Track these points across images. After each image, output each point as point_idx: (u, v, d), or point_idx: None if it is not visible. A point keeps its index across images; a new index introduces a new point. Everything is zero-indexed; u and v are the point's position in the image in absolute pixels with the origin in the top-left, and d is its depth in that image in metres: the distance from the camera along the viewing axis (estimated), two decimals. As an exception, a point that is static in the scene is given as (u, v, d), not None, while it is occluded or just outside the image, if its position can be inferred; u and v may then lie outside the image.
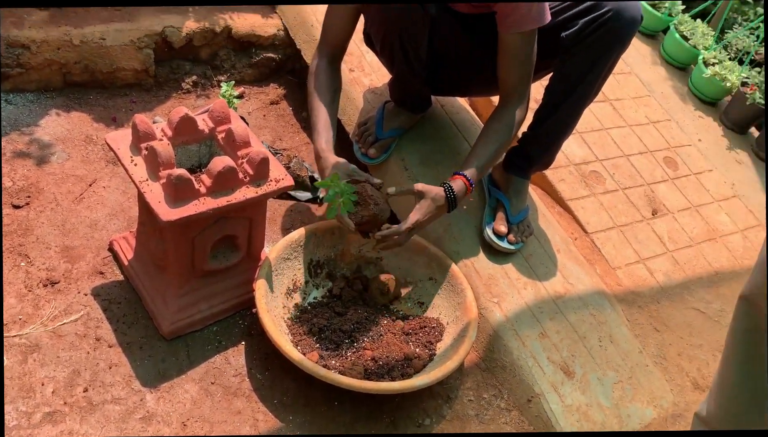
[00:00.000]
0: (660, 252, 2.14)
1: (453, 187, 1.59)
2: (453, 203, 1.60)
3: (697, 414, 1.20)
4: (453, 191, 1.59)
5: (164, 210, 1.34)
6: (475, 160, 1.64)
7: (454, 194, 1.59)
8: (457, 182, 1.60)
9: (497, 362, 1.66)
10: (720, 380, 1.12)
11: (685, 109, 2.80)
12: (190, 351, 1.55)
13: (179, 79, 2.27)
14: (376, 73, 2.16)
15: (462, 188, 1.60)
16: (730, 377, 1.10)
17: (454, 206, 1.60)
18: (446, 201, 1.58)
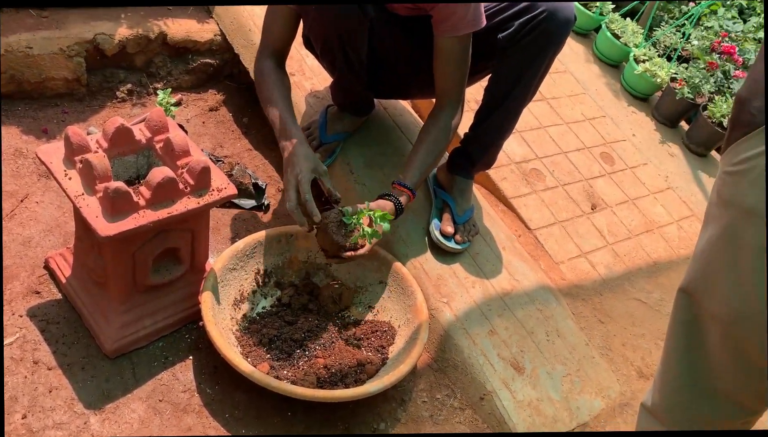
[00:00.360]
0: (600, 245, 2.20)
1: (400, 200, 1.63)
2: (400, 214, 1.64)
3: (643, 404, 1.23)
4: (401, 204, 1.63)
5: (102, 225, 1.29)
6: (416, 170, 1.67)
7: (401, 205, 1.63)
8: (403, 195, 1.64)
9: (449, 362, 1.67)
10: (662, 371, 1.15)
11: (619, 105, 2.89)
12: (135, 369, 1.50)
13: (113, 87, 2.20)
14: (318, 77, 2.15)
15: (406, 199, 1.65)
16: (671, 368, 1.13)
17: (400, 215, 1.65)
18: (395, 213, 1.62)
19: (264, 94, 1.67)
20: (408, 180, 1.65)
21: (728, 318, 0.99)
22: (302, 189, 1.51)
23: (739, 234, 0.95)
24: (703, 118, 2.77)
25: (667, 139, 2.84)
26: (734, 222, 0.97)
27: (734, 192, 0.96)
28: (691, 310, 1.06)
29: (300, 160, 1.55)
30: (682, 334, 1.09)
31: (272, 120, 1.65)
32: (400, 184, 1.65)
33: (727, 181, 0.98)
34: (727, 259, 0.98)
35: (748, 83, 0.97)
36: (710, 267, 1.02)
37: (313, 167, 1.55)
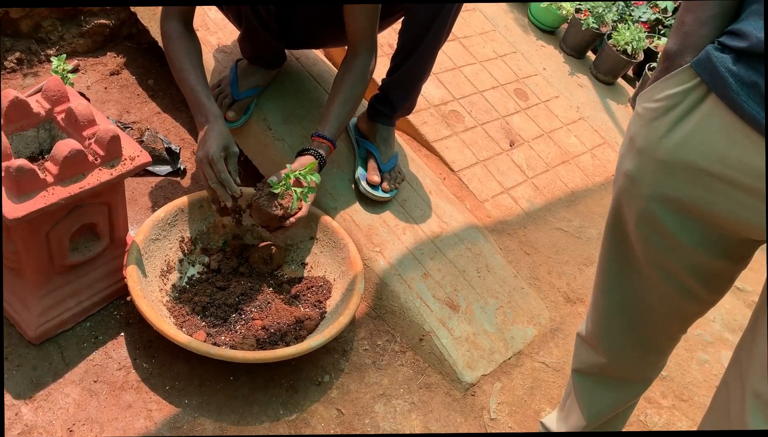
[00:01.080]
0: (521, 180, 2.26)
1: (321, 152, 1.60)
2: (323, 165, 1.61)
3: (579, 334, 1.29)
4: (321, 155, 1.60)
5: (9, 207, 1.20)
6: (334, 120, 1.65)
7: (323, 157, 1.60)
8: (323, 146, 1.62)
9: (387, 308, 1.70)
10: (594, 301, 1.21)
11: (528, 39, 2.93)
12: (64, 353, 1.44)
13: (0, 57, 2.03)
14: (223, 31, 2.05)
15: (327, 150, 1.63)
16: (601, 298, 1.18)
17: (322, 168, 1.62)
18: (318, 166, 1.59)
19: (175, 63, 1.60)
20: (326, 131, 1.63)
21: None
22: (216, 168, 1.49)
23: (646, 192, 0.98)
24: (608, 47, 2.85)
25: (576, 71, 2.92)
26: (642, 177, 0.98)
27: (650, 134, 0.96)
28: (615, 231, 1.10)
29: (212, 137, 1.51)
30: (610, 256, 1.13)
31: (185, 92, 1.59)
32: (318, 136, 1.63)
33: (645, 116, 0.97)
34: None
35: (678, 37, 0.95)
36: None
37: (224, 145, 1.52)
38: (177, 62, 1.60)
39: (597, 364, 1.25)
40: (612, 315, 1.17)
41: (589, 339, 1.25)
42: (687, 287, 1.03)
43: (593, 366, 1.26)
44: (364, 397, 1.54)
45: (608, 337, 1.20)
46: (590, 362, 1.27)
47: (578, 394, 1.31)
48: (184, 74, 1.58)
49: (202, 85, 1.59)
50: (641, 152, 0.98)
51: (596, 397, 1.29)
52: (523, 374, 1.70)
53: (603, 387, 1.28)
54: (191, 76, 1.58)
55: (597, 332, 1.22)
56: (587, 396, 1.30)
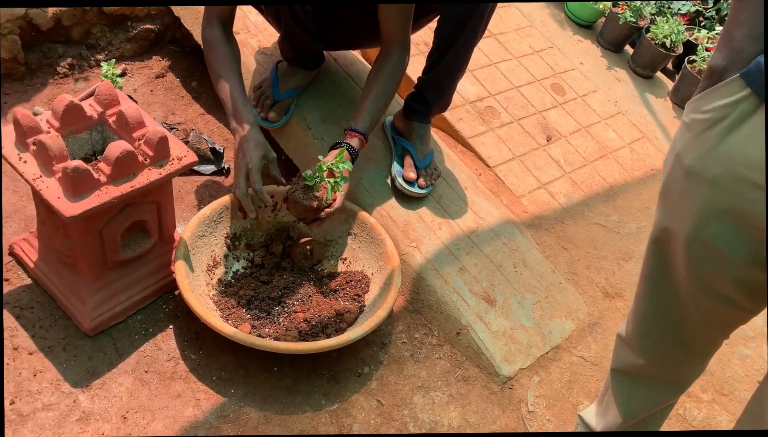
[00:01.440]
0: (558, 175, 2.26)
1: (353, 145, 1.65)
2: (356, 157, 1.66)
3: (619, 334, 1.30)
4: (355, 149, 1.65)
5: (65, 206, 1.28)
6: (366, 115, 1.69)
7: (355, 150, 1.65)
8: (355, 140, 1.67)
9: (424, 302, 1.73)
10: (635, 305, 1.21)
11: (565, 34, 2.92)
12: (117, 344, 1.51)
13: (53, 63, 2.13)
14: (263, 33, 2.11)
15: (359, 144, 1.67)
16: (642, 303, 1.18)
17: (354, 160, 1.66)
18: (351, 159, 1.63)
19: (213, 68, 1.66)
20: (358, 124, 1.68)
21: (686, 238, 1.02)
22: (253, 178, 1.56)
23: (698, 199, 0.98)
24: (646, 41, 2.83)
25: (614, 65, 2.90)
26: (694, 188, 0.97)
27: (699, 147, 0.94)
28: (660, 245, 1.10)
29: (251, 148, 1.58)
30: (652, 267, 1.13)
31: (222, 98, 1.65)
32: (350, 130, 1.68)
33: (694, 128, 0.95)
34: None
35: (725, 52, 0.93)
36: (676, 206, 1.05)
37: (263, 154, 1.60)
38: (215, 68, 1.66)
39: (635, 365, 1.25)
40: (652, 319, 1.17)
41: (628, 340, 1.25)
42: (731, 298, 1.02)
43: (632, 367, 1.26)
44: (402, 389, 1.58)
45: (647, 340, 1.20)
46: (629, 362, 1.26)
47: (616, 393, 1.32)
48: (222, 80, 1.65)
49: (239, 92, 1.64)
50: (690, 170, 0.96)
51: (633, 397, 1.29)
52: (560, 368, 1.71)
53: (640, 387, 1.28)
54: (228, 82, 1.64)
55: (637, 334, 1.22)
56: (624, 395, 1.30)
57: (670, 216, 1.04)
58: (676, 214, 1.02)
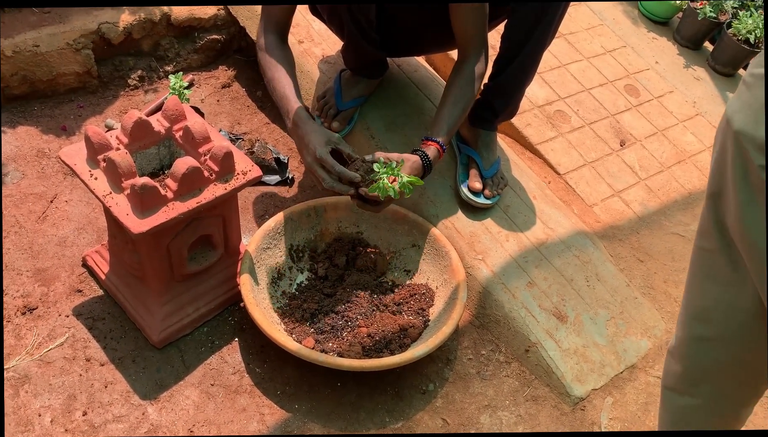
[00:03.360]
0: (633, 182, 2.16)
1: (428, 154, 1.58)
2: (429, 169, 1.58)
3: (669, 349, 1.19)
4: (429, 158, 1.58)
5: (134, 222, 1.29)
6: (443, 123, 1.62)
7: (429, 161, 1.58)
8: (431, 149, 1.59)
9: (490, 317, 1.67)
10: (686, 303, 1.11)
11: (639, 32, 2.79)
12: (184, 357, 1.53)
13: (124, 75, 2.18)
14: (327, 42, 2.10)
15: (435, 154, 1.60)
16: (695, 298, 1.08)
17: (429, 172, 1.59)
18: (423, 168, 1.57)
19: (266, 73, 1.65)
20: (435, 133, 1.61)
21: None
22: (328, 164, 1.49)
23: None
24: (727, 37, 2.66)
25: (692, 63, 2.75)
26: None
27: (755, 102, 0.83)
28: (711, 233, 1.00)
29: (311, 139, 1.52)
30: (704, 260, 1.04)
31: (275, 100, 1.63)
32: (427, 139, 1.61)
33: (753, 85, 0.85)
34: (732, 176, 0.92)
35: None
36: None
37: (326, 140, 1.52)
38: (268, 72, 1.64)
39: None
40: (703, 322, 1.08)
41: (674, 350, 1.15)
42: None
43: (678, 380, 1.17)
44: (469, 408, 1.53)
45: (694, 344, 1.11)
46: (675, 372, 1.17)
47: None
48: (275, 83, 1.62)
49: (291, 92, 1.60)
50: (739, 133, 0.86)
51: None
52: (636, 389, 1.62)
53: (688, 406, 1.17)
54: (281, 84, 1.61)
55: (683, 337, 1.13)
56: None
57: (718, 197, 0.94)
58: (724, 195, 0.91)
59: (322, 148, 1.50)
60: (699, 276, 1.06)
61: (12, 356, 1.46)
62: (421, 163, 1.56)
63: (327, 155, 1.50)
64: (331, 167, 1.49)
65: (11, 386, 1.41)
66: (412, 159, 1.56)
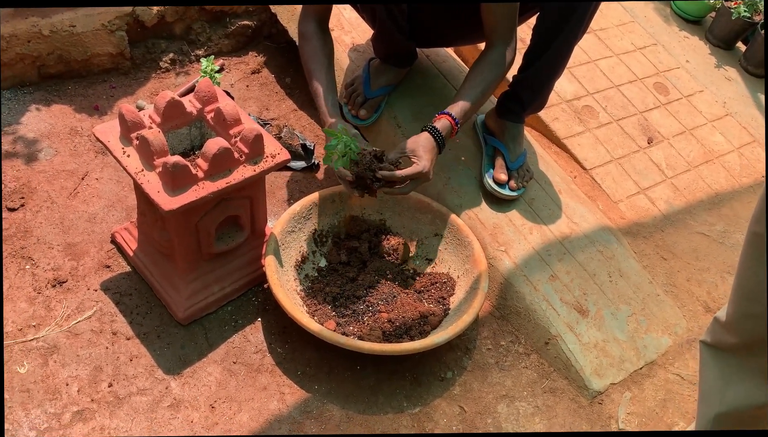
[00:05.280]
0: (659, 180, 2.14)
1: (437, 127, 1.58)
2: (442, 144, 1.58)
3: (716, 318, 1.21)
4: (438, 131, 1.57)
5: (164, 199, 1.32)
6: (460, 99, 1.62)
7: (440, 134, 1.57)
8: (442, 121, 1.59)
9: (511, 309, 1.68)
10: (737, 282, 1.12)
11: (670, 30, 2.76)
12: (208, 334, 1.55)
13: (156, 58, 2.22)
14: (357, 30, 2.11)
15: (447, 126, 1.58)
16: (746, 278, 1.10)
17: (443, 145, 1.58)
18: (435, 143, 1.56)
19: (306, 62, 1.68)
20: (451, 108, 1.60)
21: None
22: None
23: None
24: (761, 37, 2.63)
25: (723, 63, 2.71)
26: None
27: None
28: None
29: None
30: (757, 244, 1.05)
31: (312, 91, 1.67)
32: (441, 113, 1.60)
33: None
34: None
35: None
36: None
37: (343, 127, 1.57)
38: (308, 61, 1.68)
39: (730, 343, 1.17)
40: (755, 297, 1.09)
41: (727, 323, 1.17)
42: None
43: (727, 345, 1.18)
44: (486, 397, 1.54)
45: (748, 321, 1.12)
46: (724, 341, 1.19)
47: (709, 372, 1.23)
48: (312, 74, 1.67)
49: (328, 85, 1.65)
50: None
51: (730, 381, 1.20)
52: (655, 385, 1.62)
53: (738, 370, 1.19)
54: (318, 76, 1.66)
55: (737, 314, 1.14)
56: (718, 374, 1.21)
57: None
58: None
59: None
60: (751, 259, 1.09)
61: (42, 326, 1.50)
62: (432, 139, 1.56)
63: None
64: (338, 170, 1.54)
65: (41, 355, 1.45)
66: (422, 136, 1.56)
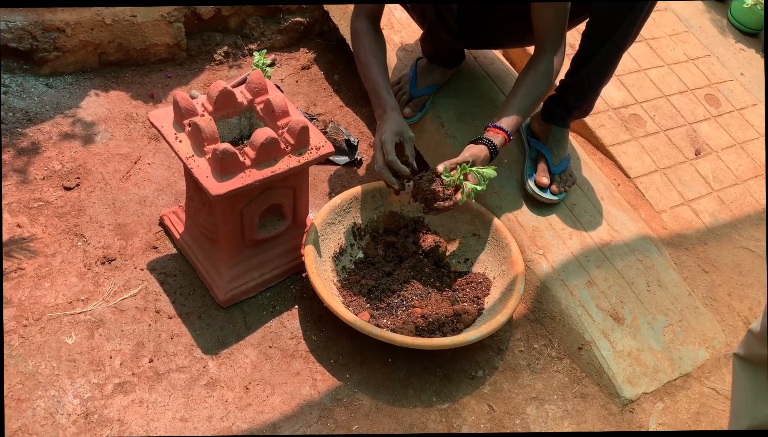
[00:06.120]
0: (705, 192, 2.11)
1: (495, 142, 1.60)
2: (495, 156, 1.61)
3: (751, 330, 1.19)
4: (495, 146, 1.60)
5: (213, 184, 1.37)
6: (511, 111, 1.64)
7: (496, 148, 1.60)
8: (498, 137, 1.61)
9: (546, 312, 1.68)
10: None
11: (726, 42, 2.71)
12: (246, 318, 1.60)
13: (211, 50, 2.29)
14: (406, 30, 2.14)
15: (502, 142, 1.62)
16: None
17: (494, 159, 1.62)
18: (490, 157, 1.60)
19: (360, 58, 1.71)
20: (503, 122, 1.63)
21: None
22: (386, 149, 1.57)
23: None
24: (822, 52, 2.56)
25: (780, 77, 2.65)
26: None
27: None
28: None
29: (389, 125, 1.60)
30: None
31: (367, 86, 1.70)
32: (494, 126, 1.63)
33: None
34: None
35: None
36: None
37: (399, 130, 1.60)
38: (363, 58, 1.71)
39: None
40: None
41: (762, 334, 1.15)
42: None
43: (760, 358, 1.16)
44: (516, 398, 1.55)
45: None
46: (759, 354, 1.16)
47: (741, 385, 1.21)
48: (369, 70, 1.69)
49: (384, 80, 1.68)
50: None
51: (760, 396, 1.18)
52: (689, 397, 1.60)
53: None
54: (374, 71, 1.68)
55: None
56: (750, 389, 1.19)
57: None
58: None
59: (390, 134, 1.58)
60: None
61: (90, 301, 1.57)
62: (488, 152, 1.58)
63: (390, 142, 1.57)
64: (387, 153, 1.57)
65: (87, 328, 1.52)
66: (478, 148, 1.58)
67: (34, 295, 1.55)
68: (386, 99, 1.66)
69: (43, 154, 1.86)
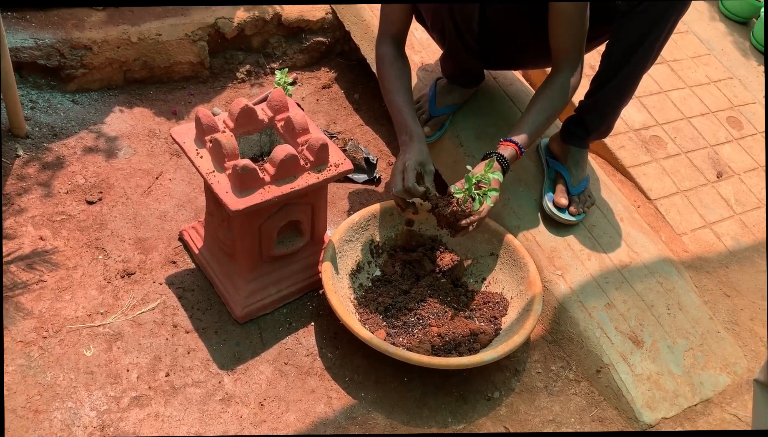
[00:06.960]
0: (727, 215, 2.08)
1: (504, 154, 1.60)
2: (506, 171, 1.60)
3: (756, 380, 1.17)
4: (505, 159, 1.59)
5: (232, 200, 1.38)
6: (524, 126, 1.63)
7: (507, 162, 1.59)
8: (508, 149, 1.60)
9: (564, 334, 1.66)
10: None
11: (748, 64, 2.69)
12: (262, 334, 1.60)
13: (233, 69, 2.32)
14: (426, 51, 2.16)
15: (512, 154, 1.61)
16: None
17: (506, 172, 1.60)
18: (501, 171, 1.58)
19: (386, 84, 1.72)
20: (514, 135, 1.62)
21: None
22: (407, 176, 1.57)
23: None
24: None
25: (804, 100, 2.62)
26: None
27: None
28: None
29: (412, 153, 1.60)
30: None
31: (392, 112, 1.71)
32: (505, 140, 1.63)
33: None
34: None
35: None
36: None
37: (422, 161, 1.60)
38: (388, 84, 1.72)
39: None
40: None
41: None
42: None
43: None
44: (533, 420, 1.53)
45: None
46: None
47: None
48: (393, 96, 1.70)
49: (409, 108, 1.69)
50: None
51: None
52: (709, 424, 1.57)
53: None
54: (400, 98, 1.69)
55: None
56: None
57: None
58: None
59: (413, 162, 1.59)
60: None
61: (109, 314, 1.58)
62: (499, 167, 1.58)
63: (412, 170, 1.58)
64: (407, 179, 1.57)
65: (106, 341, 1.53)
66: (486, 161, 1.57)
67: (54, 307, 1.57)
68: (412, 127, 1.66)
69: (67, 168, 1.89)
